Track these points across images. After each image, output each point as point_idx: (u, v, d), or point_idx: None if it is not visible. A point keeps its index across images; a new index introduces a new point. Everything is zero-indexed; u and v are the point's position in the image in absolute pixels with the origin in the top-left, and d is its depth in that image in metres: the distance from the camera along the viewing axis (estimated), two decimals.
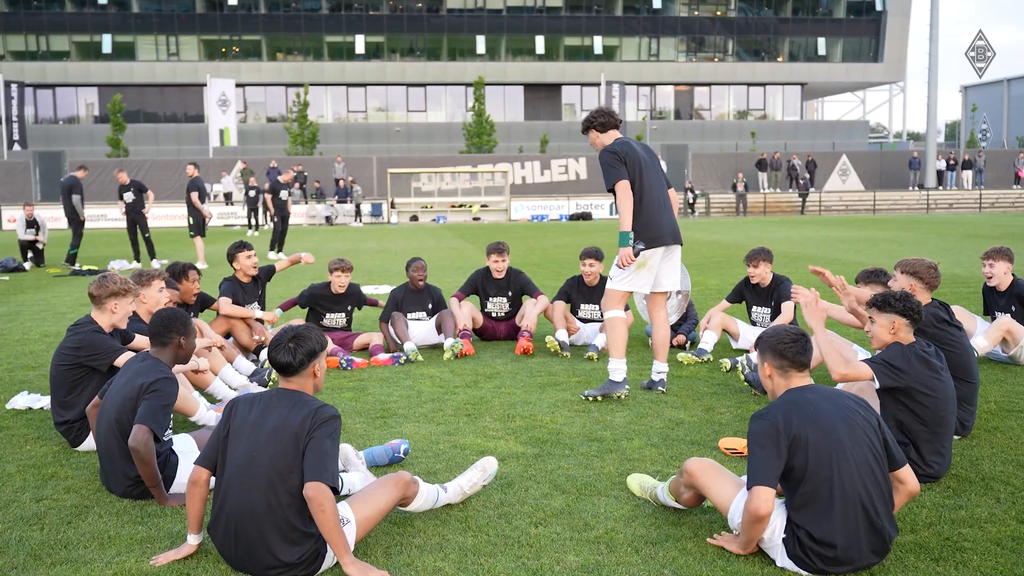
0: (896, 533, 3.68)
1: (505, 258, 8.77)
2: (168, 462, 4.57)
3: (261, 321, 8.19)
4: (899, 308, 4.59)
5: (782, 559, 3.64)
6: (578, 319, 8.74)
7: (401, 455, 5.10)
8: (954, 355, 5.11)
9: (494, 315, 8.91)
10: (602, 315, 8.50)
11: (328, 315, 8.61)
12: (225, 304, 7.87)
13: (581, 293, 8.73)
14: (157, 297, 6.05)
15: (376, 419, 5.97)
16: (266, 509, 3.56)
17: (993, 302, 7.71)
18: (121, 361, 5.21)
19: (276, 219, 20.73)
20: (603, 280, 8.57)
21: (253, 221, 30.54)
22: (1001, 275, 7.58)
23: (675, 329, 8.48)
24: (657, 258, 6.47)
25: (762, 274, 8.08)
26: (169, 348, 4.72)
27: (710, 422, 5.77)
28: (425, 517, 4.20)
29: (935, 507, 4.24)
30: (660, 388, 6.64)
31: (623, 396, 6.41)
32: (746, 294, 8.30)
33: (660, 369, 6.69)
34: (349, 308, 8.73)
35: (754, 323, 8.25)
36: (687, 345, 8.35)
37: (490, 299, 8.89)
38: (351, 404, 6.36)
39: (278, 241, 20.41)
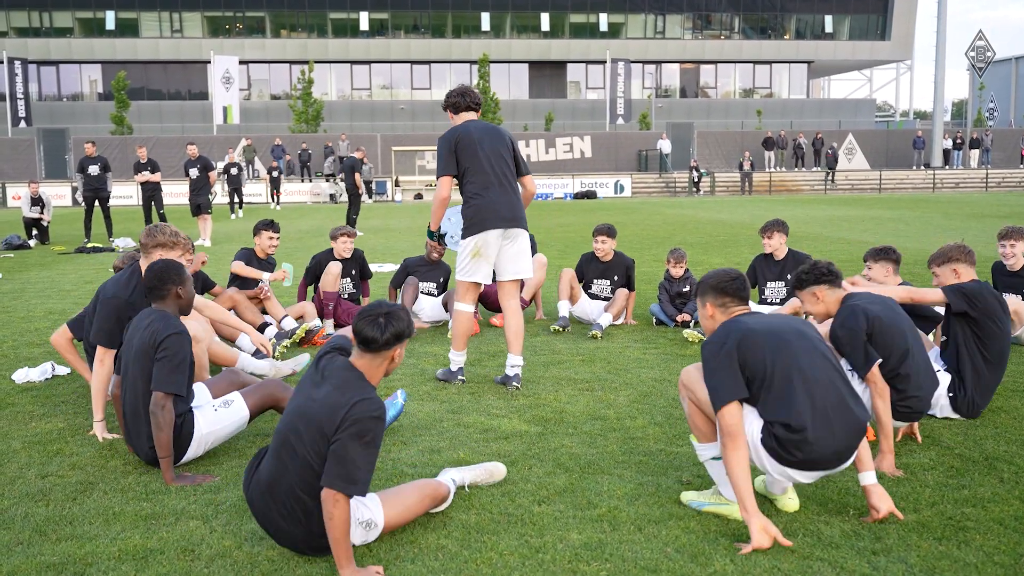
0: (868, 417, 3.83)
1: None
2: (186, 421, 4.57)
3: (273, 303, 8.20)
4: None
5: (769, 463, 3.75)
6: (588, 294, 8.73)
7: (401, 403, 5.21)
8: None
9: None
10: (612, 292, 8.60)
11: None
12: (238, 265, 8.07)
13: (593, 268, 8.69)
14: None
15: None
16: (280, 481, 3.56)
17: (1002, 282, 7.64)
18: None
19: (352, 196, 20.23)
20: (617, 255, 8.62)
21: (237, 201, 27.84)
22: (1021, 255, 7.51)
23: (680, 308, 8.47)
24: (492, 245, 6.17)
25: (775, 245, 8.04)
26: (169, 300, 4.70)
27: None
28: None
29: (938, 487, 4.24)
30: (515, 384, 6.16)
31: (460, 382, 6.30)
32: (759, 269, 8.24)
33: (514, 363, 6.23)
34: (353, 272, 8.77)
35: (764, 301, 8.18)
36: (692, 323, 8.34)
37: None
38: None
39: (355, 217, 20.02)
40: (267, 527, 3.64)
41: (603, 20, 57.70)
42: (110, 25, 54.68)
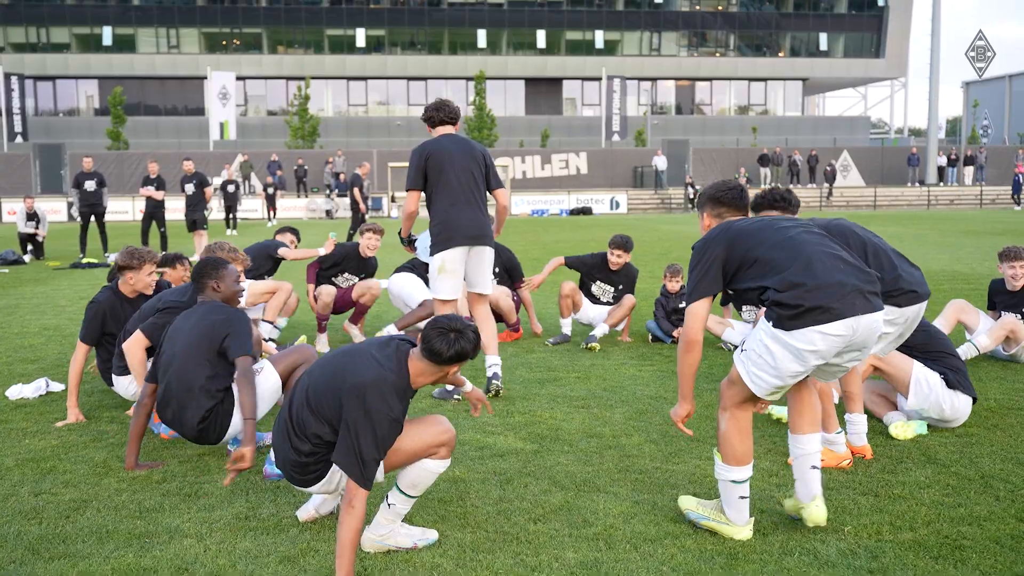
0: (879, 278, 3.74)
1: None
2: (227, 398, 4.81)
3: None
4: None
5: (790, 340, 3.54)
6: (590, 294, 8.77)
7: None
8: None
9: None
10: (613, 299, 8.68)
11: (344, 275, 8.82)
12: (287, 252, 8.74)
13: (600, 270, 8.71)
14: (147, 281, 6.18)
15: None
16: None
17: (1002, 301, 7.63)
18: None
19: (353, 212, 20.30)
20: (627, 267, 8.67)
21: (231, 217, 27.66)
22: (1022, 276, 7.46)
23: (676, 324, 8.46)
24: (456, 261, 6.29)
25: None
26: (207, 293, 5.03)
27: (710, 419, 5.76)
28: (423, 512, 4.19)
29: (934, 505, 4.23)
30: (495, 382, 6.35)
31: (456, 400, 6.33)
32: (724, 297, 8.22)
33: (491, 362, 6.44)
34: (362, 276, 8.91)
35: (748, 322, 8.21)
36: None
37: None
38: None
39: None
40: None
41: (599, 37, 57.97)
42: (107, 41, 54.82)
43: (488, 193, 6.48)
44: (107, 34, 54.77)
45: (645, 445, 5.23)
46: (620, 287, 8.71)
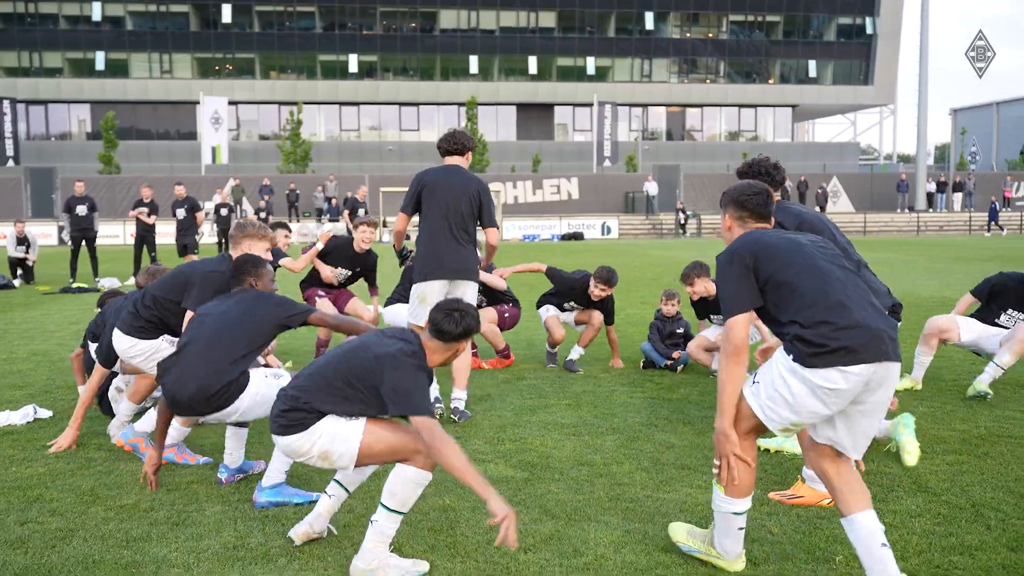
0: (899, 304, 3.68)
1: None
2: (244, 375, 4.77)
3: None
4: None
5: (803, 378, 3.40)
6: (560, 307, 8.75)
7: None
8: None
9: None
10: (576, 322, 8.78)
11: (338, 269, 8.73)
12: (288, 262, 8.43)
13: (578, 296, 8.58)
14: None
15: None
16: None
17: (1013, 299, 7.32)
18: None
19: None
20: (609, 299, 8.59)
21: (224, 241, 26.89)
22: None
23: (671, 348, 8.44)
24: (436, 293, 6.39)
25: (700, 291, 7.85)
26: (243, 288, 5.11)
27: (701, 446, 5.75)
28: (412, 542, 4.16)
29: (925, 534, 4.22)
30: (453, 416, 6.43)
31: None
32: (697, 310, 8.25)
33: (457, 395, 6.54)
34: (358, 270, 8.82)
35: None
36: (681, 366, 8.33)
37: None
38: None
39: None
40: None
41: (590, 63, 58.34)
42: (100, 66, 54.94)
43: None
44: (100, 59, 54.90)
45: (636, 473, 5.21)
46: (595, 312, 8.70)
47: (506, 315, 8.69)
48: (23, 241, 18.74)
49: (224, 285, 5.28)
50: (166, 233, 22.88)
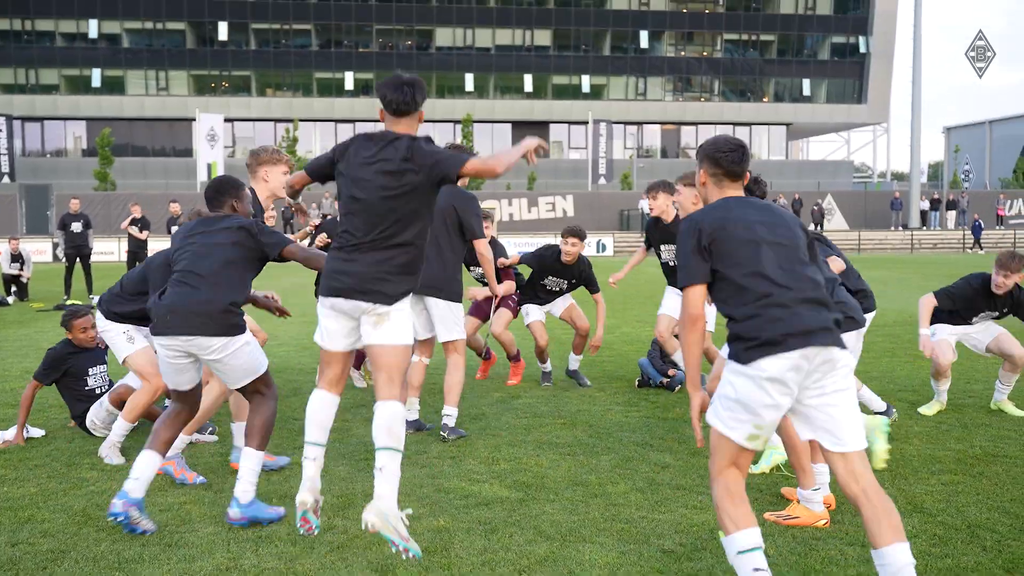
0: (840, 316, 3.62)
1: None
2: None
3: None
4: None
5: (740, 371, 3.48)
6: (544, 290, 8.65)
7: None
8: None
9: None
10: (567, 288, 8.61)
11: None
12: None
13: (553, 264, 8.49)
14: (280, 180, 5.90)
15: (360, 461, 5.91)
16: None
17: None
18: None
19: None
20: (580, 259, 8.48)
21: None
22: None
23: (669, 364, 8.41)
24: (413, 308, 6.33)
25: (659, 208, 7.79)
26: (224, 212, 4.97)
27: (696, 466, 5.74)
28: (406, 564, 4.13)
29: (920, 555, 4.21)
30: (442, 433, 6.45)
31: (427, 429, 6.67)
32: (650, 233, 8.11)
33: (447, 412, 6.53)
34: None
35: (665, 264, 8.00)
36: (676, 388, 8.30)
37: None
38: (333, 447, 6.27)
39: None
40: None
41: (585, 82, 58.59)
42: (96, 83, 55.06)
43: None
44: (96, 76, 55.02)
45: (631, 494, 5.19)
46: (573, 280, 8.54)
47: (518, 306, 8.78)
48: (17, 258, 18.70)
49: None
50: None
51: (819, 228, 43.86)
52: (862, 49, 59.74)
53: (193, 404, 4.89)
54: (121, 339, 6.10)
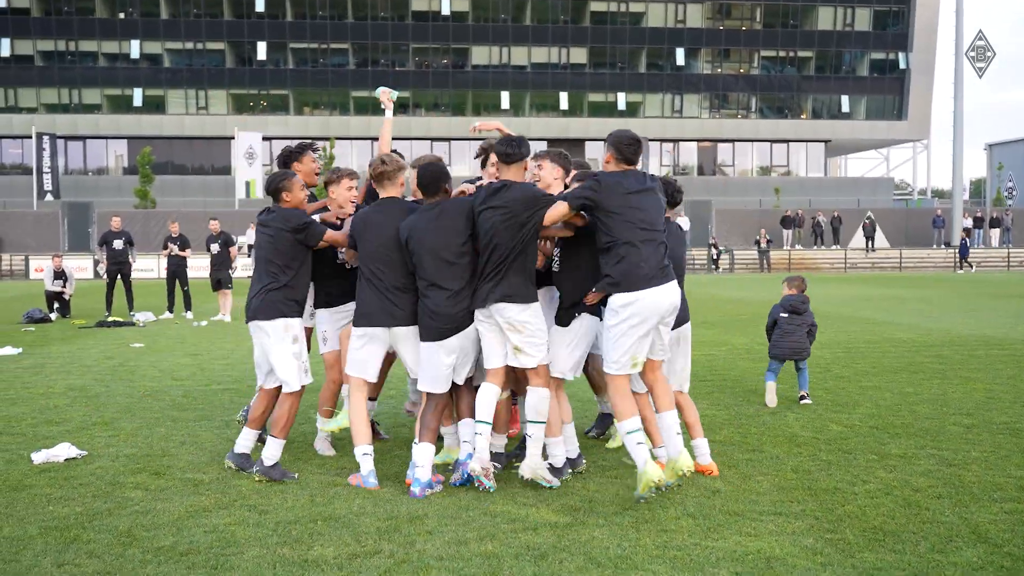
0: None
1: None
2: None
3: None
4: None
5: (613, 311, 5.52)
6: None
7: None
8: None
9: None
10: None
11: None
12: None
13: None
14: (346, 195, 6.58)
15: (402, 483, 5.82)
16: None
17: None
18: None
19: None
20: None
21: None
22: None
23: None
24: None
25: (547, 179, 6.13)
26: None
27: (748, 491, 5.60)
28: None
29: None
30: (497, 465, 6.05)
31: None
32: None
33: (496, 443, 6.11)
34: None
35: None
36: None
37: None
38: (377, 467, 6.11)
39: None
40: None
41: (621, 99, 58.55)
42: (137, 102, 55.93)
43: None
44: (138, 95, 55.88)
45: (682, 519, 5.06)
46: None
47: None
48: (60, 275, 18.94)
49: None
50: (200, 267, 23.02)
51: (870, 243, 43.88)
52: (902, 65, 59.17)
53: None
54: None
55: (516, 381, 6.15)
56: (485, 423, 5.63)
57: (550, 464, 5.81)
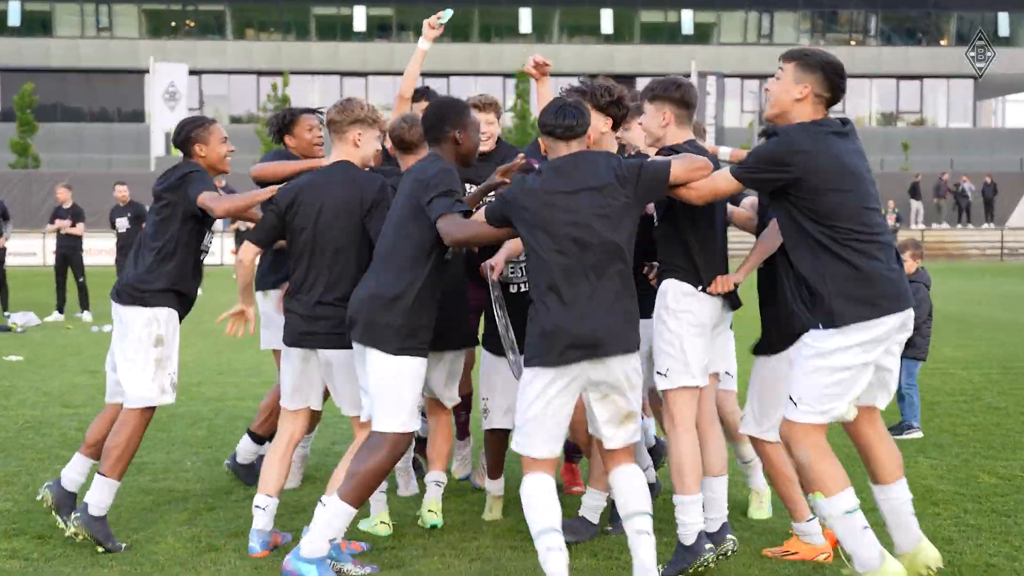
0: None
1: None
2: None
3: None
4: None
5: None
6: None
7: None
8: None
9: None
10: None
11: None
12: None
13: None
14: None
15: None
16: None
17: None
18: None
19: None
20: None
21: None
22: None
23: None
24: None
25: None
26: (446, 143, 5.78)
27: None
28: None
29: None
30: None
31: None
32: None
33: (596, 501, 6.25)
34: None
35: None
36: None
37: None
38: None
39: None
40: None
41: (687, 19, 58.56)
42: (13, 20, 56.08)
43: None
44: (14, 10, 56.07)
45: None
46: None
47: None
48: None
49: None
50: (102, 251, 23.12)
51: None
52: None
53: None
54: None
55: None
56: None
57: None
